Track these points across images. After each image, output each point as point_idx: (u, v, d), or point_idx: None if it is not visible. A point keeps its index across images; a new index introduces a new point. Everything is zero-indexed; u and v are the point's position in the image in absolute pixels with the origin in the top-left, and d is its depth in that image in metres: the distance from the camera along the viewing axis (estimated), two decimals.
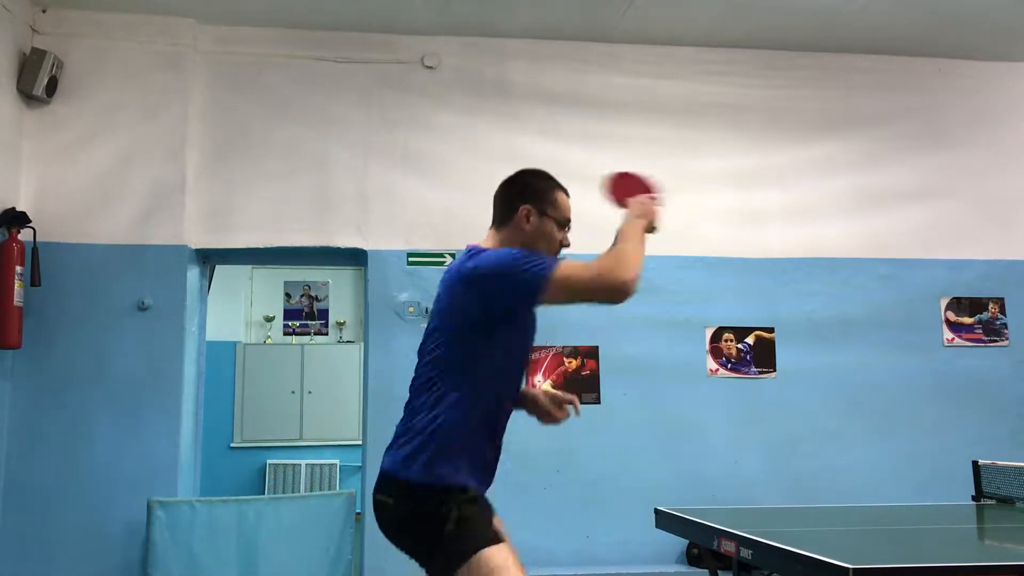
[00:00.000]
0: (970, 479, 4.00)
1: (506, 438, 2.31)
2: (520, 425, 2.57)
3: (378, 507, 2.17)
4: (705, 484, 4.95)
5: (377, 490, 2.18)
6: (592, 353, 5.10)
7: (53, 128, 4.79)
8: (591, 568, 4.76)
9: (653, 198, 2.43)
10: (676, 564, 4.88)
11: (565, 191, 2.39)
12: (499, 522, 2.17)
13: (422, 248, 5.05)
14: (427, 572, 2.15)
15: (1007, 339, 5.45)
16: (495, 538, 2.06)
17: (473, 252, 2.26)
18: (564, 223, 2.35)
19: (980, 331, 5.44)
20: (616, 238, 2.26)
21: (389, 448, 2.22)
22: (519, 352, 2.31)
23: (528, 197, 2.30)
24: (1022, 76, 5.77)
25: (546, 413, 2.42)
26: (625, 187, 2.49)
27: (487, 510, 2.17)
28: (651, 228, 2.38)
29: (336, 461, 8.26)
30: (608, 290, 2.11)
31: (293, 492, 7.99)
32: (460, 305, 2.19)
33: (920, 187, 5.53)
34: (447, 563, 2.03)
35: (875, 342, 5.30)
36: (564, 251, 2.37)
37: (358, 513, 4.69)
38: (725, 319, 5.24)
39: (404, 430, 2.19)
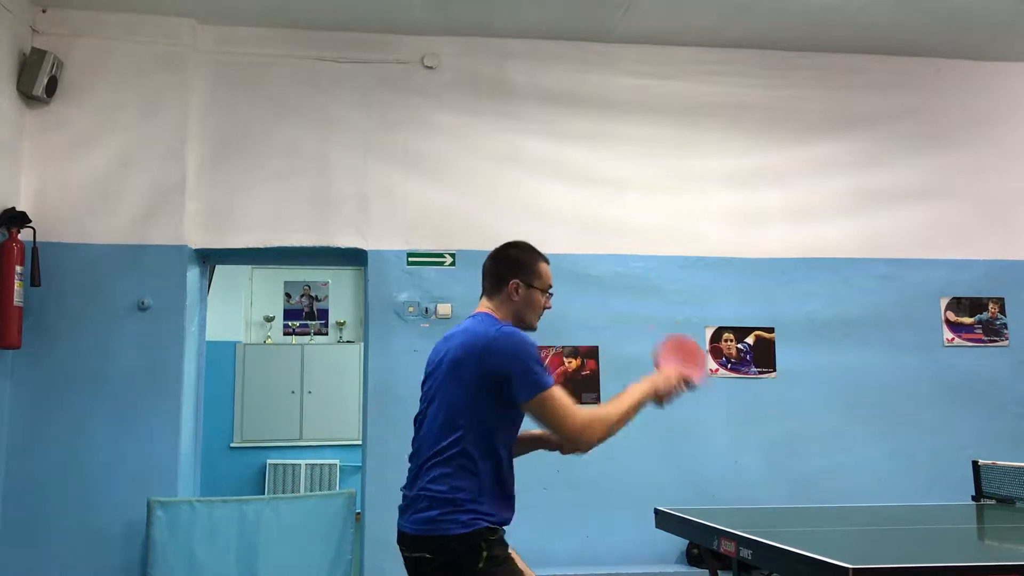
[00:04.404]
0: (970, 479, 4.01)
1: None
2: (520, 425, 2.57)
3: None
4: (705, 484, 4.95)
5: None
6: (592, 353, 5.10)
7: (53, 128, 4.79)
8: (591, 568, 4.76)
9: (687, 378, 2.60)
10: (676, 564, 4.88)
11: (546, 260, 2.64)
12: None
13: (422, 248, 5.05)
14: None
15: (1007, 339, 5.45)
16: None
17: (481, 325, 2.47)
18: (547, 290, 2.62)
19: (980, 331, 5.44)
20: (624, 392, 2.47)
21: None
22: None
23: (516, 271, 2.56)
24: (1022, 76, 5.77)
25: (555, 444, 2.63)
26: (674, 351, 2.72)
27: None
28: (658, 401, 2.53)
29: (336, 461, 8.26)
30: (574, 441, 2.36)
31: (293, 492, 7.99)
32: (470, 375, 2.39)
33: (920, 187, 5.53)
34: None
35: (875, 342, 5.30)
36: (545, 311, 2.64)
37: (358, 513, 4.69)
38: (725, 319, 5.24)
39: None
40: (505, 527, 2.36)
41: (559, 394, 2.34)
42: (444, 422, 2.35)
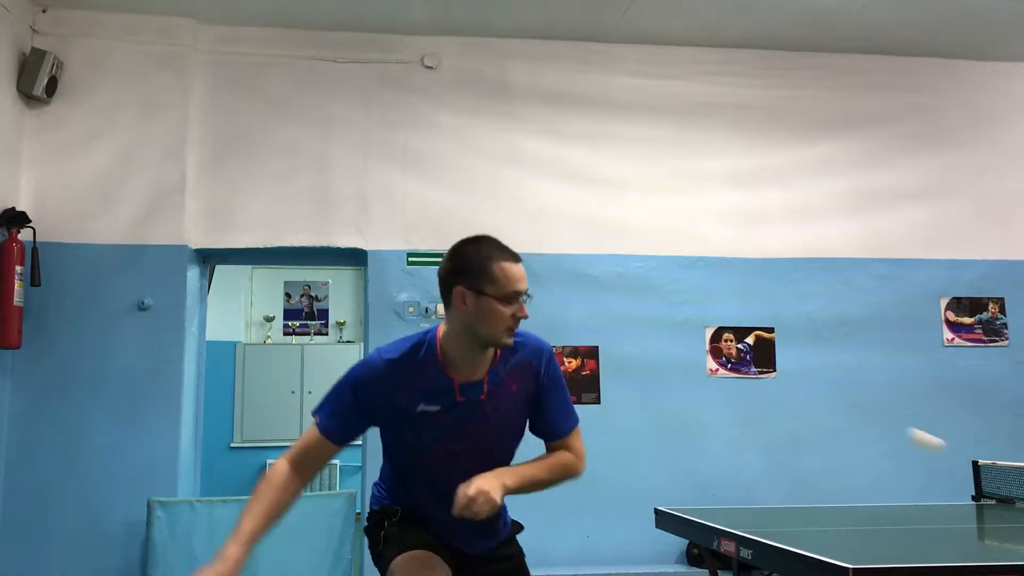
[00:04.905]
0: (970, 479, 4.01)
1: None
2: None
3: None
4: (705, 484, 4.95)
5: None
6: (592, 353, 5.10)
7: (53, 128, 4.79)
8: (591, 568, 4.76)
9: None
10: (676, 564, 4.88)
11: (514, 258, 2.10)
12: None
13: (422, 248, 5.05)
14: None
15: (1007, 339, 5.45)
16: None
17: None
18: (510, 297, 2.07)
19: (980, 331, 5.43)
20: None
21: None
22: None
23: (461, 275, 2.08)
24: (1022, 76, 5.77)
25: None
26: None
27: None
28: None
29: (336, 461, 8.24)
30: None
31: None
32: None
33: (920, 187, 5.53)
34: None
35: (875, 342, 5.30)
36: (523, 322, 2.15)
37: (358, 513, 4.68)
38: (725, 319, 5.24)
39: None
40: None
41: (308, 433, 2.17)
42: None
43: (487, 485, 2.04)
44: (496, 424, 2.22)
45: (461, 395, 2.15)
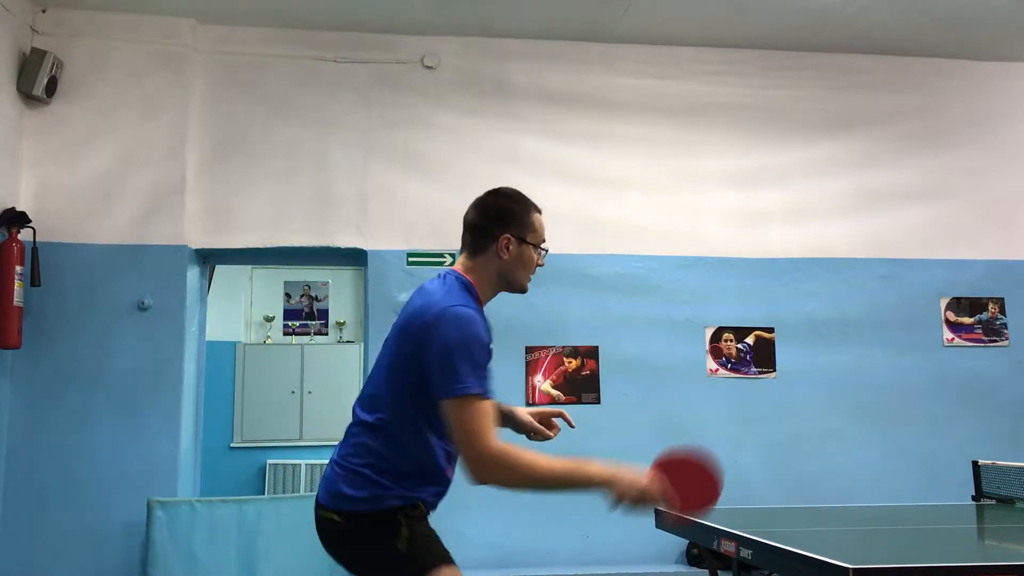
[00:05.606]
0: (970, 479, 4.00)
1: (507, 439, 2.30)
2: None
3: None
4: None
5: None
6: (592, 353, 5.10)
7: (53, 128, 4.79)
8: (591, 568, 4.76)
9: (659, 499, 2.08)
10: (676, 564, 4.88)
11: (539, 210, 2.28)
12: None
13: (422, 248, 5.05)
14: None
15: (1007, 339, 5.45)
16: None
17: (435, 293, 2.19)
18: (541, 245, 2.26)
19: (980, 331, 5.43)
20: (579, 463, 2.07)
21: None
22: None
23: (507, 224, 2.21)
24: (1022, 76, 5.77)
25: (535, 431, 2.44)
26: (685, 469, 2.12)
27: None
28: (612, 500, 2.08)
29: None
30: (470, 467, 2.00)
31: (293, 492, 7.98)
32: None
33: (920, 187, 5.53)
34: None
35: (875, 342, 5.30)
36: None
37: None
38: (725, 319, 5.24)
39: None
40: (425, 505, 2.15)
41: (480, 409, 1.98)
42: (372, 393, 2.19)
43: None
44: None
45: None
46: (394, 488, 2.09)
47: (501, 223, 2.21)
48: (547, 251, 2.29)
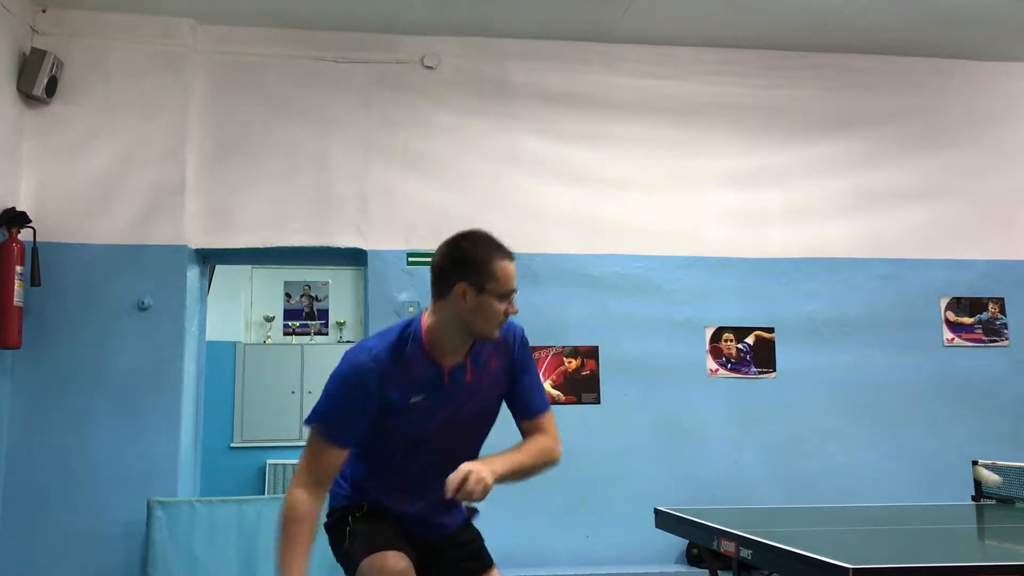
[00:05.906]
0: (970, 479, 4.00)
1: (507, 439, 2.30)
2: None
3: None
4: (705, 484, 4.95)
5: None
6: (592, 353, 5.10)
7: (53, 128, 4.79)
8: (591, 568, 4.76)
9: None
10: (676, 564, 4.88)
11: (509, 256, 2.16)
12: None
13: (422, 248, 5.04)
14: None
15: (1007, 339, 5.45)
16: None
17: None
18: (507, 295, 2.14)
19: (980, 331, 5.44)
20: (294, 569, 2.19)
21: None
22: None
23: (465, 272, 2.11)
24: (1022, 76, 5.77)
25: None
26: None
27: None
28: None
29: None
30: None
31: None
32: None
33: (920, 187, 5.53)
34: None
35: (875, 342, 5.30)
36: (512, 317, 2.22)
37: None
38: (725, 319, 5.24)
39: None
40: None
41: (312, 445, 2.15)
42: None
43: (479, 468, 2.05)
44: (478, 402, 2.27)
45: (449, 379, 2.20)
46: (346, 490, 2.34)
47: (458, 271, 2.12)
48: (514, 297, 2.17)
